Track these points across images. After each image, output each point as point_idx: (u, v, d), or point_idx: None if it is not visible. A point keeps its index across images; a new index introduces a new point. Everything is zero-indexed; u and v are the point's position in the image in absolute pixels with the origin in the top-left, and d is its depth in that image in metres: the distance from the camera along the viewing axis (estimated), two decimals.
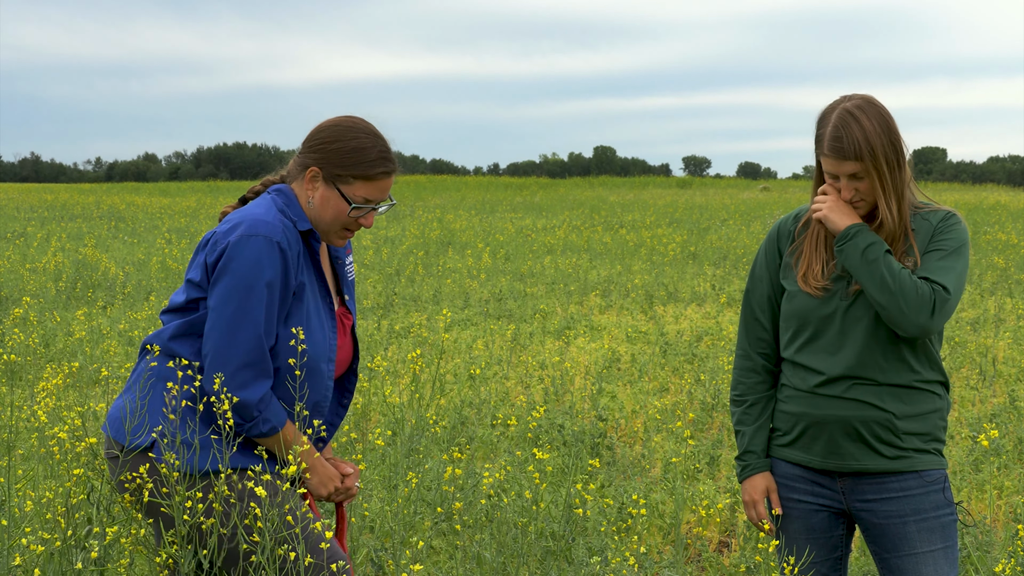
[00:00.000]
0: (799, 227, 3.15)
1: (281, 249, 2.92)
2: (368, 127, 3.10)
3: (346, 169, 3.03)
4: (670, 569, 4.95)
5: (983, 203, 31.53)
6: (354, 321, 3.24)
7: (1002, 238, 20.28)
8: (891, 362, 3.00)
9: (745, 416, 3.19)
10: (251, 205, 3.06)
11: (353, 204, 3.04)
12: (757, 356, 3.19)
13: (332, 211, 3.05)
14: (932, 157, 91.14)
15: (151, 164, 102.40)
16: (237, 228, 2.93)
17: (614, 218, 27.52)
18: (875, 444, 3.01)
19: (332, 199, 3.04)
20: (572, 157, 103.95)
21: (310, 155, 3.06)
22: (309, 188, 3.05)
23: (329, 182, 3.04)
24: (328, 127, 3.08)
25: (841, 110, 2.98)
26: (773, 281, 3.17)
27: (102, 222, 26.33)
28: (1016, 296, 14.04)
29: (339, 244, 3.14)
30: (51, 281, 14.28)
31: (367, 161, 3.04)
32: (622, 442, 7.45)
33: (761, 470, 3.17)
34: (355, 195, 3.04)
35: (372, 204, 3.07)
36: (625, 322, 12.40)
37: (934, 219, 3.04)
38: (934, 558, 3.03)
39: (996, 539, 5.29)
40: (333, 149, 3.04)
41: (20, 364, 8.48)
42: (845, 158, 2.95)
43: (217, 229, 2.99)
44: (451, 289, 14.82)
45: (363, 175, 3.04)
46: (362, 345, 10.51)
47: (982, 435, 4.19)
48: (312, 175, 3.04)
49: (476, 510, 4.91)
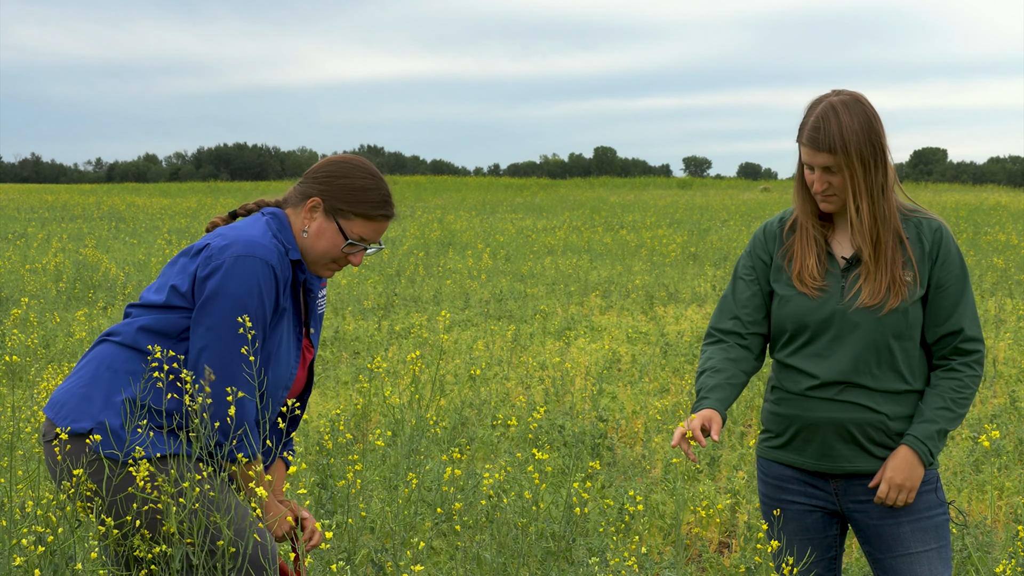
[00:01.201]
0: (786, 230, 3.15)
1: (275, 273, 2.98)
2: (375, 170, 3.19)
3: (349, 205, 3.11)
4: (670, 569, 4.95)
5: (983, 204, 31.51)
6: (314, 355, 3.29)
7: (1002, 239, 20.27)
8: (884, 370, 3.01)
9: (708, 379, 3.08)
10: (245, 224, 3.10)
11: (349, 239, 3.11)
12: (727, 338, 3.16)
13: (326, 243, 3.11)
14: (932, 158, 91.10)
15: (151, 165, 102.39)
16: (232, 247, 2.96)
17: (614, 219, 27.51)
18: (868, 446, 3.02)
19: (329, 231, 3.10)
20: (572, 158, 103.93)
21: (314, 185, 3.13)
22: (307, 217, 3.11)
23: (329, 215, 3.10)
24: (337, 162, 3.16)
25: (827, 103, 3.00)
26: (756, 281, 3.16)
27: (103, 223, 26.33)
28: (1016, 297, 14.03)
29: (325, 275, 3.20)
30: (51, 282, 14.28)
31: (371, 201, 3.13)
32: (622, 443, 7.45)
33: (709, 406, 3.02)
34: (352, 231, 3.12)
35: (366, 243, 3.14)
36: (625, 323, 12.40)
37: (926, 230, 3.04)
38: (928, 558, 3.04)
39: (996, 540, 5.29)
40: (340, 184, 3.11)
41: (20, 365, 8.48)
42: (820, 149, 2.97)
43: (210, 243, 3.01)
44: (451, 290, 14.82)
45: (365, 214, 3.12)
46: (362, 346, 10.51)
47: (983, 436, 4.19)
48: (313, 205, 3.11)
49: (476, 511, 4.91)
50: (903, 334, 3.00)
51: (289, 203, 3.17)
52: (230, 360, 2.91)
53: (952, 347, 3.02)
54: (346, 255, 3.14)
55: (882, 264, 2.99)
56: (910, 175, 77.31)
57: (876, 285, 2.98)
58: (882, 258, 2.99)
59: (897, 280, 2.98)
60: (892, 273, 2.98)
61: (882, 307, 2.97)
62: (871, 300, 2.98)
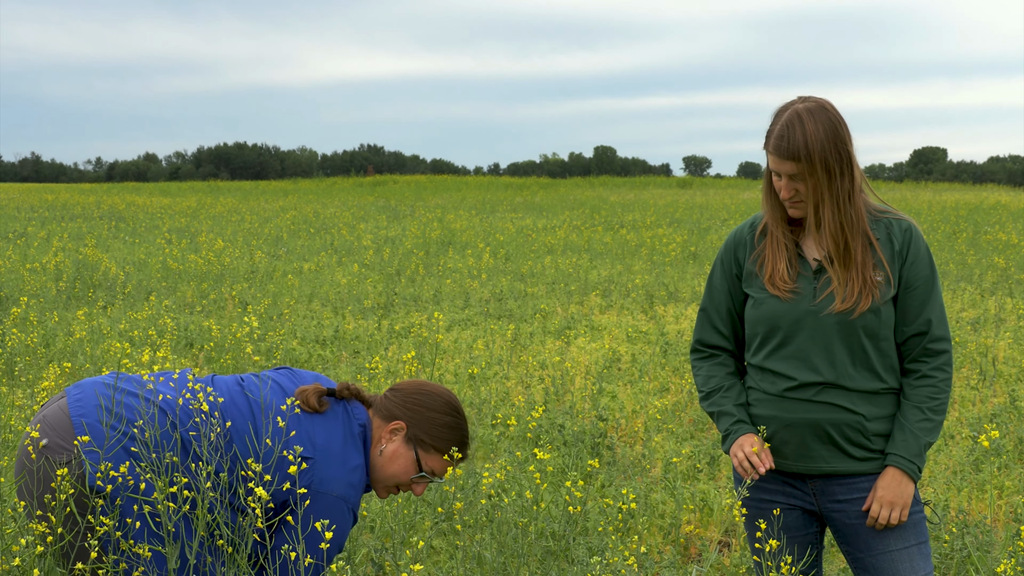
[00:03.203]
0: (757, 235, 3.16)
1: (354, 516, 3.02)
2: (460, 407, 3.24)
3: (432, 439, 3.14)
4: (670, 569, 4.95)
5: (984, 203, 31.51)
6: None
7: (1003, 238, 20.27)
8: (860, 371, 3.02)
9: (723, 399, 3.16)
10: (337, 434, 3.05)
11: (422, 471, 3.15)
12: (716, 351, 3.22)
13: (399, 468, 3.13)
14: (932, 157, 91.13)
15: (151, 164, 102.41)
16: (331, 483, 2.96)
17: (614, 218, 27.51)
18: (846, 446, 3.03)
19: (404, 458, 3.13)
20: (572, 157, 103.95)
21: (403, 409, 3.15)
22: (387, 438, 3.13)
23: (409, 442, 3.13)
24: (430, 393, 3.19)
25: (792, 111, 3.01)
26: (731, 290, 3.19)
27: (102, 222, 26.33)
28: (1016, 296, 14.03)
29: (382, 496, 3.22)
30: (51, 281, 14.28)
31: (453, 440, 3.17)
32: (622, 442, 7.45)
33: (750, 431, 3.11)
34: (427, 464, 3.15)
35: (433, 477, 3.17)
36: (625, 322, 12.40)
37: (896, 230, 3.06)
38: (909, 555, 3.05)
39: (996, 539, 5.28)
40: (428, 417, 3.15)
41: (20, 364, 8.48)
42: (785, 158, 2.98)
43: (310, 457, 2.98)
44: (451, 289, 14.82)
45: (443, 450, 3.16)
46: (362, 345, 10.51)
47: (983, 435, 4.19)
48: (396, 427, 3.13)
49: (476, 510, 4.91)
50: (877, 334, 3.01)
51: (377, 410, 3.18)
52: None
53: (921, 348, 3.04)
54: (411, 483, 3.17)
55: (852, 268, 3.01)
56: (910, 174, 77.29)
57: (848, 289, 3.00)
58: (852, 262, 3.01)
59: (868, 282, 3.00)
60: (863, 276, 3.00)
61: (854, 310, 2.99)
62: (843, 304, 2.99)
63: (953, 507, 5.71)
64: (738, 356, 3.22)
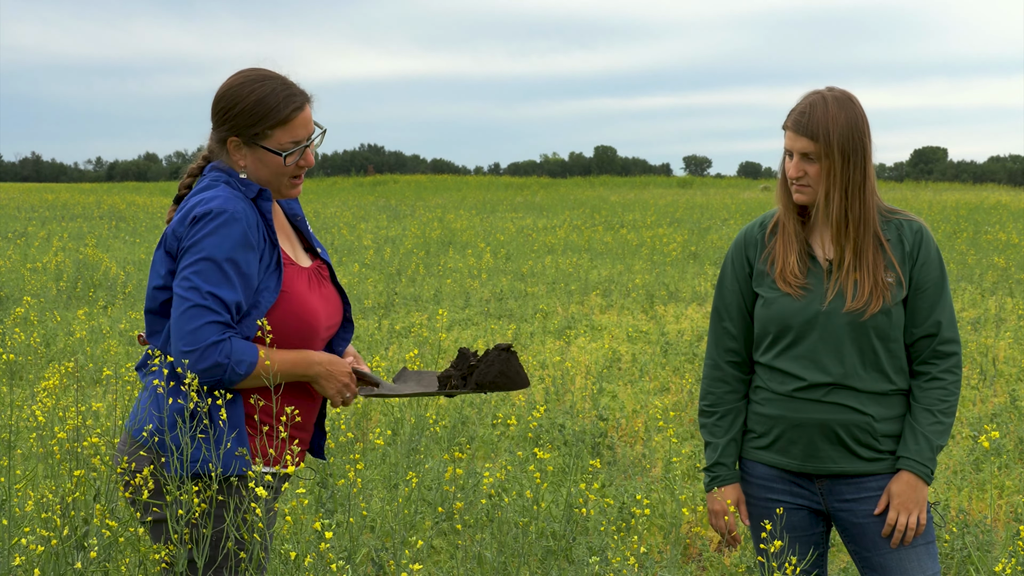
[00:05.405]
0: (767, 233, 3.16)
1: (235, 219, 2.84)
2: (260, 73, 3.01)
3: (259, 125, 2.95)
4: (670, 569, 4.95)
5: (984, 203, 31.50)
6: (331, 271, 3.16)
7: (1003, 238, 20.27)
8: (869, 372, 3.02)
9: (716, 428, 3.19)
10: (194, 191, 2.98)
11: (284, 153, 2.96)
12: (727, 366, 3.19)
13: (269, 169, 2.98)
14: (933, 157, 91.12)
15: (152, 164, 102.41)
16: (189, 212, 2.86)
17: (615, 218, 27.51)
18: (854, 447, 3.03)
19: (263, 158, 2.97)
20: (573, 157, 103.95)
21: (221, 127, 2.99)
22: (237, 157, 2.98)
23: (251, 144, 2.96)
24: (224, 93, 2.99)
25: (819, 95, 3.04)
26: (743, 290, 3.18)
27: (103, 222, 26.33)
28: (1017, 296, 14.03)
29: (294, 194, 3.07)
30: (52, 281, 14.28)
31: (274, 108, 2.95)
32: (623, 442, 7.45)
33: (731, 482, 3.18)
34: (281, 144, 2.97)
35: (302, 142, 3.00)
36: (626, 322, 12.40)
37: (907, 231, 3.07)
38: (917, 554, 3.05)
39: (996, 539, 5.28)
40: (237, 112, 2.95)
41: (21, 364, 8.48)
42: (801, 134, 3.00)
43: (170, 226, 2.92)
44: (452, 289, 14.82)
45: (277, 122, 2.95)
46: (362, 345, 10.51)
47: (983, 435, 4.19)
48: (234, 145, 2.97)
49: (477, 510, 4.92)
50: (888, 335, 3.01)
51: (216, 153, 3.04)
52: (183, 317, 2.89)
53: (931, 350, 3.04)
54: (295, 163, 3.00)
55: (864, 267, 3.00)
56: (910, 174, 77.28)
57: (859, 289, 3.00)
58: (864, 261, 3.01)
59: (880, 283, 3.00)
60: (874, 276, 3.00)
61: (865, 311, 2.99)
62: (854, 304, 2.99)
63: (953, 507, 5.71)
64: (748, 360, 3.20)
